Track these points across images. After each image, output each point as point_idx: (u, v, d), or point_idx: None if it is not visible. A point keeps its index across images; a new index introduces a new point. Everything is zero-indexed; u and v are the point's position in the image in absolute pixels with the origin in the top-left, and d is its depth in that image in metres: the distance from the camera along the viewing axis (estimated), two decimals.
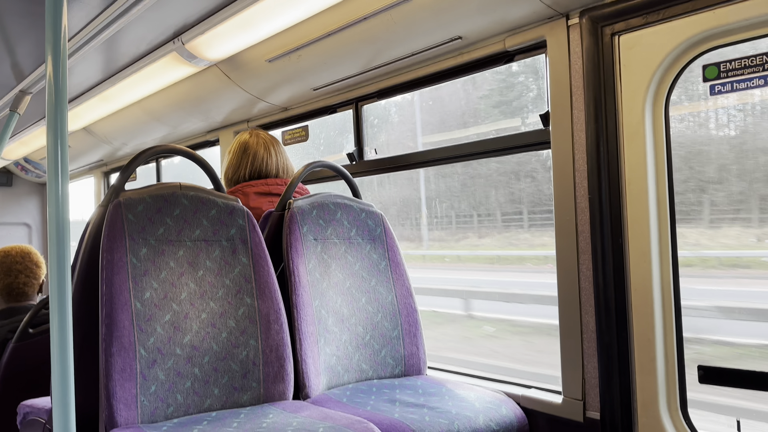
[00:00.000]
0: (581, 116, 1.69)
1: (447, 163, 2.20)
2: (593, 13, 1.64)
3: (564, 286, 1.75)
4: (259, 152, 2.31)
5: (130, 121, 3.33)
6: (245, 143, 2.33)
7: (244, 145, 2.33)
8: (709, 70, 1.48)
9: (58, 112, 1.27)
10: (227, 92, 2.68)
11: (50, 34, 1.29)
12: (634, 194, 1.59)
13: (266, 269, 1.81)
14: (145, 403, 1.55)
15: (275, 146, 2.36)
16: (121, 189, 1.71)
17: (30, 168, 5.04)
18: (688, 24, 1.47)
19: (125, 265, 1.60)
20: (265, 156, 2.31)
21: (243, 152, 2.31)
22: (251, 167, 2.29)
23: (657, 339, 1.57)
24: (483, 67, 2.03)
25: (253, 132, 2.38)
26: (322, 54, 2.20)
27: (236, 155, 2.33)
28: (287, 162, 2.39)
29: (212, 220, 1.78)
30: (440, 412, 1.63)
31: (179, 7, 2.04)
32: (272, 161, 2.32)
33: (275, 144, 2.37)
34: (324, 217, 2.01)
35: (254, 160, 2.29)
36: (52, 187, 1.27)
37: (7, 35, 2.27)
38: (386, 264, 2.09)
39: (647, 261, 1.57)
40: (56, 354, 1.27)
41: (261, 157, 2.30)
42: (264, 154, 2.31)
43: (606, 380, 1.64)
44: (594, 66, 1.64)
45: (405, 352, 2.03)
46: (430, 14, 1.82)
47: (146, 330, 1.59)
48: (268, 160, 2.31)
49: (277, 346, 1.75)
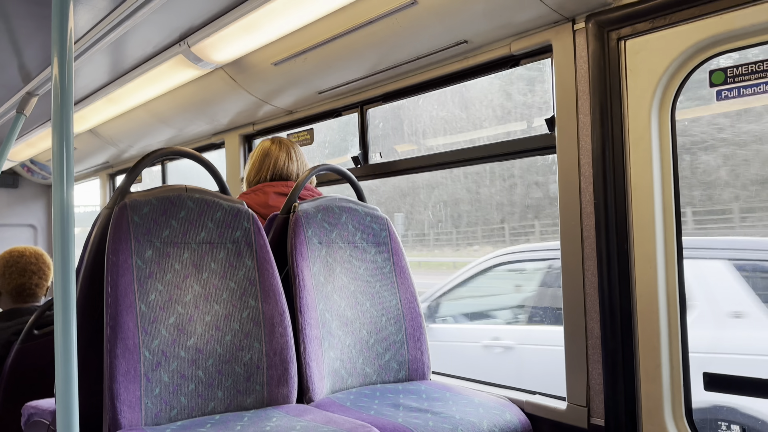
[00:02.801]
0: (587, 121, 1.68)
1: (452, 167, 2.20)
2: (599, 18, 1.63)
3: (569, 291, 1.74)
4: (281, 156, 2.40)
5: (136, 123, 3.34)
6: (267, 149, 2.42)
7: (267, 150, 2.42)
8: (715, 75, 1.48)
9: (64, 114, 1.28)
10: (233, 95, 2.69)
11: (56, 36, 1.30)
12: (639, 199, 1.58)
13: (271, 272, 1.81)
14: (149, 406, 1.55)
15: (295, 150, 2.46)
16: (126, 191, 1.71)
17: (36, 170, 5.06)
18: (695, 29, 1.47)
19: (130, 267, 1.60)
20: (287, 161, 2.40)
21: (265, 156, 2.40)
22: (273, 170, 2.37)
23: (662, 345, 1.56)
24: (488, 71, 2.03)
25: (275, 139, 2.48)
26: (328, 57, 2.20)
27: (258, 160, 2.41)
28: (306, 165, 2.48)
29: (217, 222, 1.78)
30: (444, 417, 1.63)
31: (185, 9, 2.04)
32: (293, 165, 2.41)
33: (295, 149, 2.46)
34: (329, 220, 2.01)
35: (276, 164, 2.38)
36: (57, 188, 1.28)
37: (14, 37, 2.28)
38: (391, 268, 2.09)
39: (653, 267, 1.56)
40: (60, 355, 1.27)
41: (283, 162, 2.39)
42: (286, 159, 2.40)
43: (611, 386, 1.63)
44: (600, 71, 1.64)
45: (409, 357, 2.02)
46: (436, 18, 1.82)
47: (151, 332, 1.59)
48: (290, 165, 2.40)
49: (281, 349, 1.74)
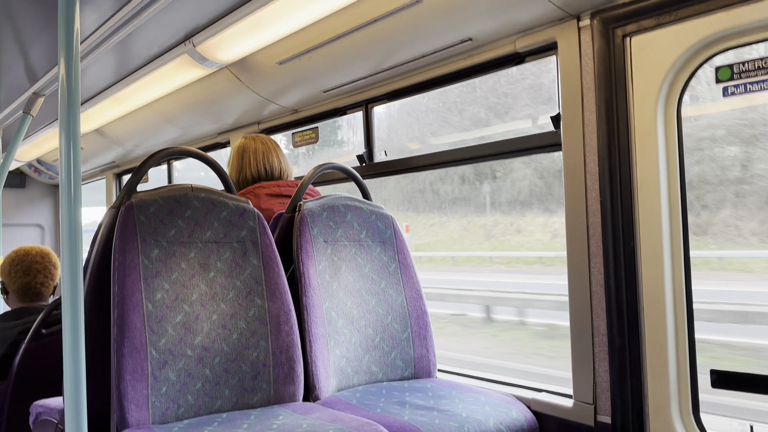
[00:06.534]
0: (592, 118, 1.68)
1: (457, 165, 2.19)
2: (604, 15, 1.63)
3: (575, 288, 1.74)
4: (259, 149, 2.29)
5: (142, 123, 3.36)
6: (242, 146, 2.32)
7: (242, 148, 2.31)
8: (722, 71, 1.47)
9: (70, 114, 1.28)
10: (238, 94, 2.69)
11: (63, 37, 1.30)
12: (645, 196, 1.58)
13: (276, 271, 1.81)
14: (156, 404, 1.55)
15: (276, 148, 2.34)
16: (133, 190, 1.72)
17: (43, 169, 5.09)
18: (701, 25, 1.46)
19: (137, 266, 1.61)
20: (266, 152, 2.29)
21: (242, 153, 2.30)
22: (255, 166, 2.27)
23: (669, 342, 1.55)
24: (493, 69, 2.02)
25: (248, 136, 2.37)
26: (333, 56, 2.20)
27: (236, 159, 2.31)
28: (287, 163, 2.37)
29: (223, 221, 1.79)
30: (450, 415, 1.63)
31: (190, 9, 2.05)
32: (272, 157, 2.30)
33: (275, 146, 2.35)
34: (334, 219, 2.01)
35: (255, 158, 2.27)
36: (64, 188, 1.28)
37: (21, 38, 2.29)
38: (396, 266, 2.09)
39: (659, 263, 1.56)
40: (68, 354, 1.28)
41: (261, 154, 2.28)
42: (264, 150, 2.29)
43: (617, 384, 1.63)
44: (605, 68, 1.63)
45: (415, 355, 2.02)
46: (440, 16, 1.81)
47: (157, 331, 1.59)
48: (269, 156, 2.29)
49: (287, 347, 1.75)
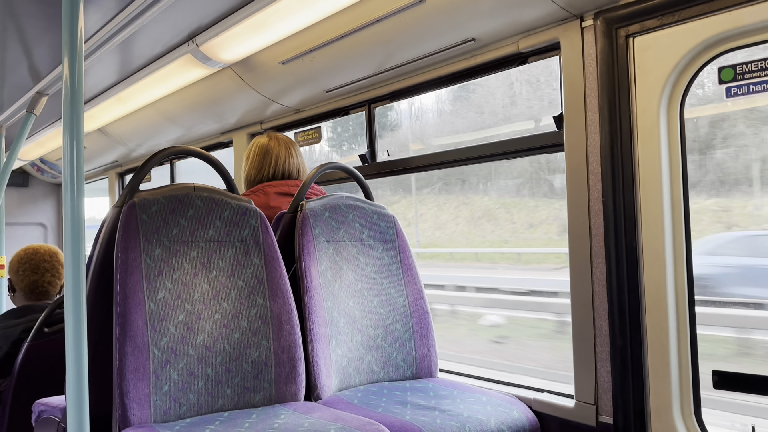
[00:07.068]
0: (595, 118, 1.68)
1: (460, 165, 2.19)
2: (607, 15, 1.63)
3: (577, 288, 1.74)
4: (281, 153, 2.32)
5: (145, 122, 3.36)
6: (265, 145, 2.34)
7: (265, 147, 2.33)
8: (725, 72, 1.47)
9: (74, 113, 1.29)
10: (241, 94, 2.69)
11: (67, 36, 1.31)
12: (648, 197, 1.58)
13: (278, 270, 1.81)
14: (158, 403, 1.56)
15: (294, 147, 2.38)
16: (135, 189, 1.72)
17: (46, 168, 5.10)
18: (704, 26, 1.46)
19: (139, 265, 1.61)
20: (287, 157, 2.33)
21: (264, 154, 2.32)
22: (274, 168, 2.30)
23: (671, 343, 1.55)
24: (496, 69, 2.02)
25: (271, 135, 2.39)
26: (335, 56, 2.20)
27: (257, 158, 2.33)
28: (303, 163, 2.41)
29: (225, 221, 1.79)
30: (451, 415, 1.63)
31: (194, 9, 2.05)
32: (293, 162, 2.34)
33: (293, 145, 2.39)
34: (336, 218, 2.01)
35: (277, 161, 2.31)
36: (67, 187, 1.29)
37: (24, 37, 2.30)
38: (398, 266, 2.09)
39: (661, 264, 1.56)
40: (71, 353, 1.29)
41: (283, 158, 2.32)
42: (285, 155, 2.33)
43: (619, 384, 1.62)
44: (608, 68, 1.63)
45: (416, 355, 2.03)
46: (443, 16, 1.81)
47: (160, 330, 1.60)
48: (290, 161, 2.33)
49: (288, 347, 1.75)
